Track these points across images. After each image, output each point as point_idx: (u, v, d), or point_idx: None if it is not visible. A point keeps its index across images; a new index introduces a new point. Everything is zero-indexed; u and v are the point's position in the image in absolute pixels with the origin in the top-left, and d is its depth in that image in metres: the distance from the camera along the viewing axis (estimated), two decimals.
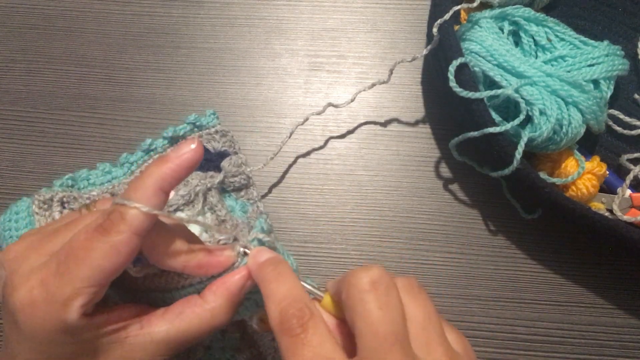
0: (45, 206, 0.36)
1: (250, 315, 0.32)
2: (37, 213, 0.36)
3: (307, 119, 0.43)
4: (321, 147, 0.46)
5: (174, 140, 0.42)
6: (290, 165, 0.45)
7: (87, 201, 0.38)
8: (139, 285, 0.30)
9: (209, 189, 0.38)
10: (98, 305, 0.26)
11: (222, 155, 0.42)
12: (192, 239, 0.29)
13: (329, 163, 0.46)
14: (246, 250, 0.29)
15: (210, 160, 0.41)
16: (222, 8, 0.50)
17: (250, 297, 0.30)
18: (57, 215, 0.36)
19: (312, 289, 0.27)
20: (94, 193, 0.39)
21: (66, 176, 0.39)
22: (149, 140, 0.41)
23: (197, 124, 0.42)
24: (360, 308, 0.23)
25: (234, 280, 0.28)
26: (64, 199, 0.37)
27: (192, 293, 0.29)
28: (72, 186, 0.39)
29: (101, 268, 0.24)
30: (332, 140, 0.46)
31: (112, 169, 0.41)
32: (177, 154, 0.26)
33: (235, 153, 0.42)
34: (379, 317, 0.23)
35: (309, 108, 0.46)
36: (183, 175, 0.26)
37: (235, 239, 0.29)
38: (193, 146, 0.26)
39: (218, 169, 0.41)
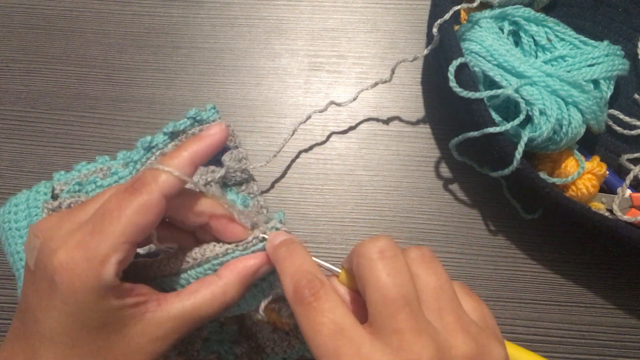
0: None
1: (256, 306, 0.32)
2: None
3: (309, 117, 0.43)
4: (321, 147, 0.46)
5: (174, 136, 0.42)
6: (290, 165, 0.45)
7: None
8: (155, 272, 0.30)
9: (209, 183, 0.39)
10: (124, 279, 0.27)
11: (223, 149, 0.42)
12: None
13: (329, 163, 0.46)
14: (264, 236, 0.30)
15: None
16: (222, 8, 0.50)
17: (258, 285, 0.31)
18: None
19: (329, 266, 0.29)
20: None
21: (73, 182, 0.39)
22: (148, 138, 0.41)
23: (198, 118, 0.42)
24: (370, 275, 0.25)
25: (250, 261, 0.29)
26: (72, 205, 0.38)
27: (203, 274, 0.30)
28: (79, 191, 0.39)
29: (134, 224, 0.26)
30: (332, 140, 0.46)
31: (119, 170, 0.41)
32: (209, 134, 0.30)
33: (236, 147, 0.42)
34: (387, 282, 0.24)
35: (309, 108, 0.46)
36: (212, 152, 0.30)
37: (255, 225, 0.31)
38: (218, 130, 0.31)
39: (219, 163, 0.41)
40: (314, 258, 0.28)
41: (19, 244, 0.38)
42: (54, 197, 0.39)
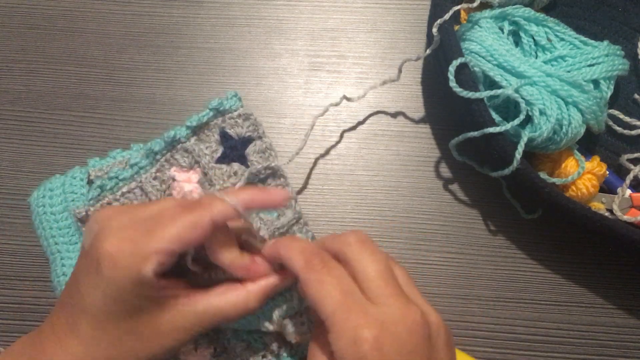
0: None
1: (265, 322, 0.35)
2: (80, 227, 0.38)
3: (326, 110, 0.43)
4: (321, 147, 0.46)
5: (198, 129, 0.40)
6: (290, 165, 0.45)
7: (123, 199, 0.38)
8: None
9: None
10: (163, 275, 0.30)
11: (247, 141, 0.40)
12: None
13: (329, 163, 0.46)
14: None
15: (234, 148, 0.39)
16: (222, 8, 0.50)
17: (270, 302, 0.34)
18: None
19: None
20: (124, 190, 0.38)
21: (94, 184, 0.38)
22: (172, 132, 0.39)
23: (221, 109, 0.40)
24: (305, 288, 0.28)
25: (272, 277, 0.33)
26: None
27: None
28: (101, 194, 0.38)
29: (180, 236, 0.29)
30: (332, 140, 0.46)
31: (138, 160, 0.39)
32: (275, 194, 0.32)
33: (260, 137, 0.40)
34: (325, 291, 0.28)
35: (309, 108, 0.47)
36: (266, 208, 0.34)
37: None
38: (282, 196, 0.32)
39: (242, 157, 0.39)
40: None
41: (54, 228, 0.38)
42: (89, 182, 0.39)
